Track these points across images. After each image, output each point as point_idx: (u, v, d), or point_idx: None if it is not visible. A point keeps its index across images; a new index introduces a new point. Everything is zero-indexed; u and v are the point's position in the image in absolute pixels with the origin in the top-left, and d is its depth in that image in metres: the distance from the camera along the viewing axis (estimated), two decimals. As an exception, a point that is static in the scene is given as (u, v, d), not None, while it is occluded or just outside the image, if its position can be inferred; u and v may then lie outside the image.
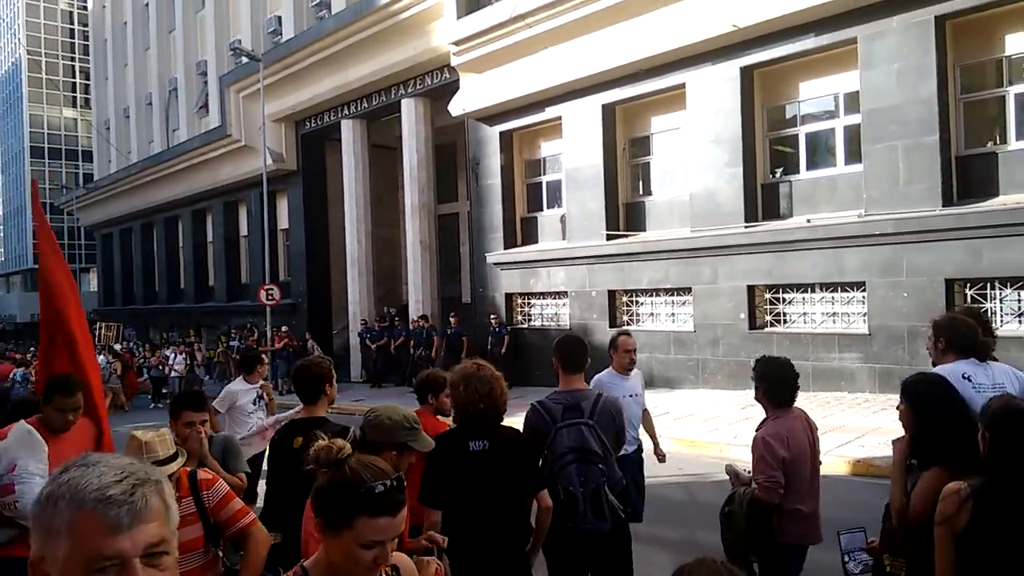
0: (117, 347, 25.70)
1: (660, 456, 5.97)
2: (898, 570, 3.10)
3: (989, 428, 2.56)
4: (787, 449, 3.81)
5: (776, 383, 4.11)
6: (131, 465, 1.22)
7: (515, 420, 3.80)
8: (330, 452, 1.81)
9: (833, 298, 12.52)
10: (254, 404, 6.69)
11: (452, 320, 17.93)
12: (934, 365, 3.88)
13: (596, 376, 5.46)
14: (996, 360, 3.90)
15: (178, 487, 2.89)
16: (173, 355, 21.71)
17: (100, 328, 32.33)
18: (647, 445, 5.88)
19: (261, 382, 6.93)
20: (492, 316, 17.36)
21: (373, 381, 19.41)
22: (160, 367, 21.77)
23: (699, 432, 9.97)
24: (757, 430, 4.05)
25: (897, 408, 3.23)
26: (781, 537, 3.78)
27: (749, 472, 4.00)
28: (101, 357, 19.25)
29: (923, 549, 2.72)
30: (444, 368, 5.38)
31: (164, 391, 21.19)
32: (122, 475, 1.18)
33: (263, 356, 7.42)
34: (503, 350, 16.64)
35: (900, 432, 3.25)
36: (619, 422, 3.79)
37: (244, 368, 7.02)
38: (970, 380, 3.63)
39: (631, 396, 5.57)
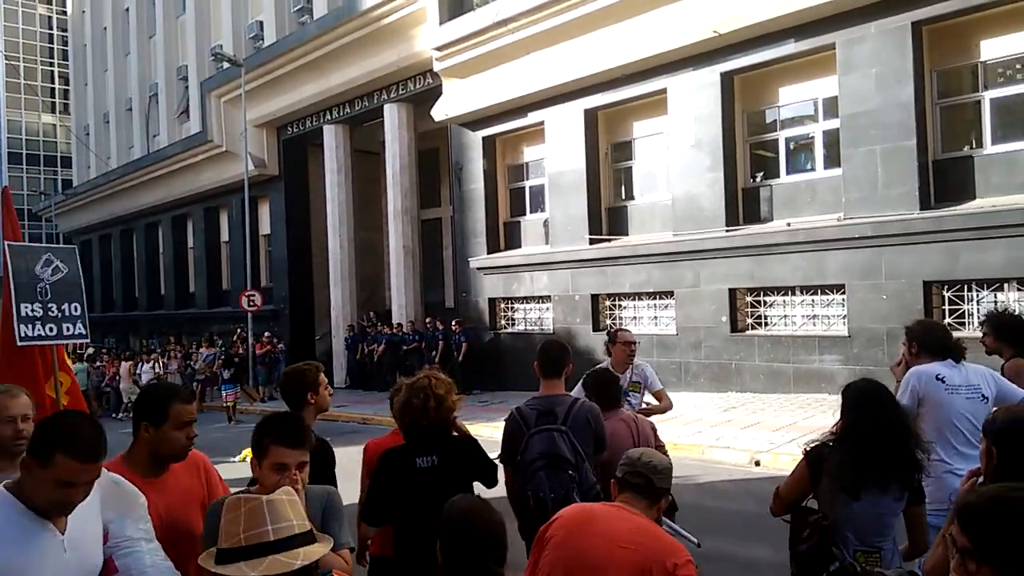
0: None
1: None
2: None
3: (996, 443, 2.39)
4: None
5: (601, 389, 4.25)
6: None
7: (498, 425, 3.78)
8: None
9: (813, 301, 12.62)
10: None
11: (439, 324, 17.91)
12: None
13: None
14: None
15: None
16: (140, 364, 21.09)
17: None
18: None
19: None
20: (455, 321, 17.44)
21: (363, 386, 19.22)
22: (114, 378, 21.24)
23: (682, 435, 10.00)
24: None
25: None
26: None
27: None
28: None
29: None
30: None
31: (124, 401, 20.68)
32: None
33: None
34: (460, 357, 16.77)
35: None
36: (596, 427, 3.70)
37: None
38: (943, 381, 3.71)
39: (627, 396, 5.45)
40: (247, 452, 3.83)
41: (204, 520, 2.59)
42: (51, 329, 4.68)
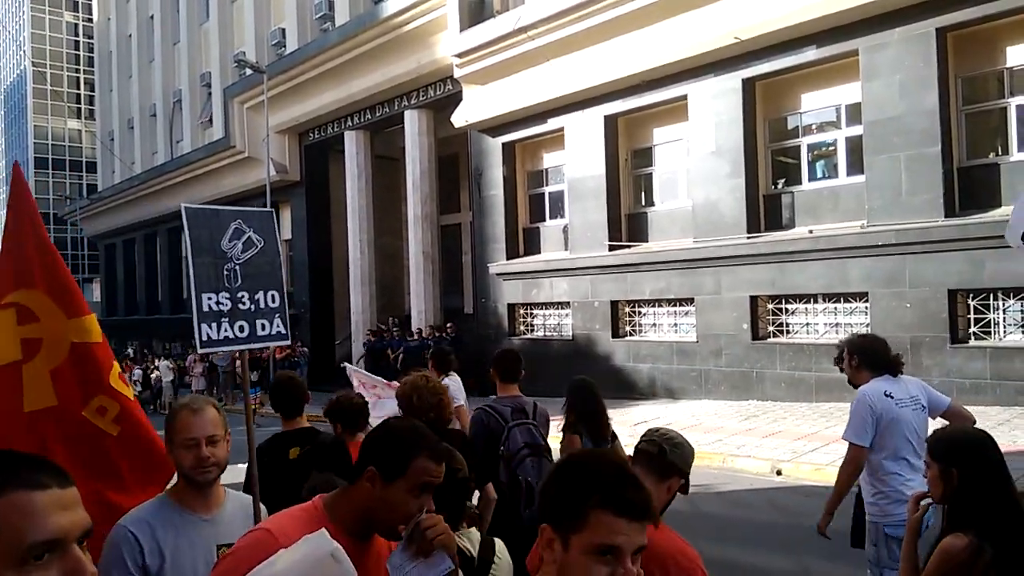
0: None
1: None
2: None
3: (956, 465, 2.36)
4: None
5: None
6: None
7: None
8: None
9: (836, 309, 12.51)
10: None
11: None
12: (850, 382, 4.07)
13: None
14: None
15: None
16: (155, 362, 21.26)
17: None
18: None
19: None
20: (448, 325, 17.91)
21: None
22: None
23: (703, 443, 9.94)
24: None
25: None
26: None
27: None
28: None
29: None
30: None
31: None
32: None
33: None
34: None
35: None
36: (547, 428, 4.30)
37: None
38: (892, 397, 3.75)
39: None
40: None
41: None
42: (242, 329, 3.41)
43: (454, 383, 6.03)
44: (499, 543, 2.55)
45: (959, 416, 3.77)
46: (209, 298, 3.30)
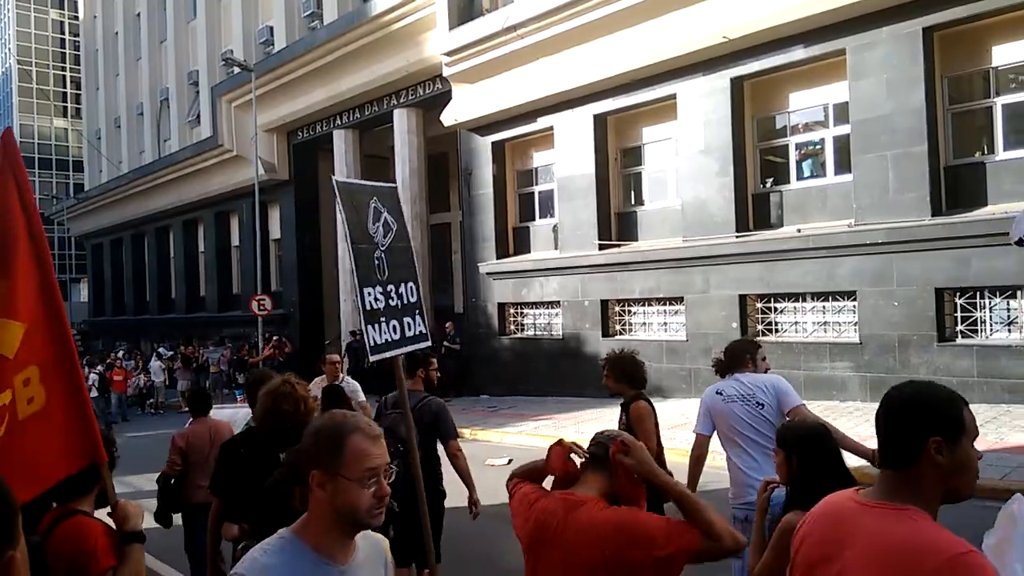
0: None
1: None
2: None
3: (793, 454, 2.80)
4: (185, 442, 5.65)
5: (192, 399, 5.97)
6: None
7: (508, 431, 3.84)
8: None
9: (824, 307, 12.57)
10: None
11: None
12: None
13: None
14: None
15: None
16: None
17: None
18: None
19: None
20: (448, 324, 17.90)
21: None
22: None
23: (691, 441, 9.96)
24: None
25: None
26: None
27: None
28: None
29: None
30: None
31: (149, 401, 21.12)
32: None
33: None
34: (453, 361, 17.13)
35: None
36: (440, 413, 5.00)
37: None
38: (721, 394, 4.39)
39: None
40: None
41: None
42: (395, 330, 2.92)
43: (350, 385, 7.09)
44: None
45: (801, 416, 4.13)
46: (369, 293, 2.84)
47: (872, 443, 6.44)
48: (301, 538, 1.83)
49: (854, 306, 12.03)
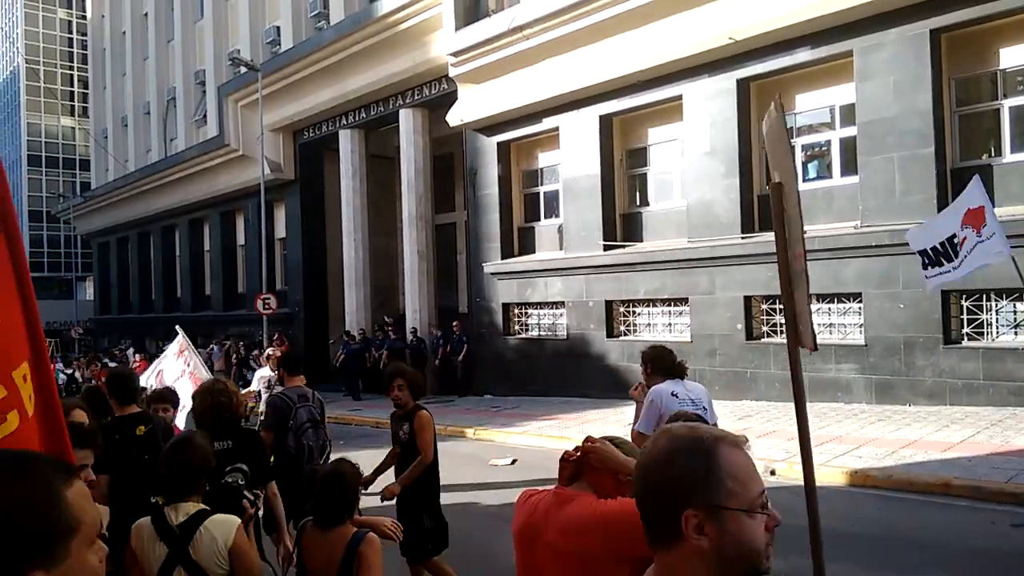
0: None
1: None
2: None
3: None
4: None
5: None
6: None
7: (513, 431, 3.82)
8: None
9: (830, 309, 12.55)
10: None
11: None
12: (648, 385, 4.87)
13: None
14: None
15: None
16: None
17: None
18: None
19: None
20: (455, 324, 18.25)
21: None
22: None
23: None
24: None
25: None
26: None
27: None
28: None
29: None
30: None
31: None
32: None
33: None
34: (460, 358, 17.72)
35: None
36: (323, 409, 5.78)
37: None
38: (676, 396, 4.59)
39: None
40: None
41: None
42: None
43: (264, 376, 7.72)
44: (217, 517, 2.90)
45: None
46: None
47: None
48: None
49: (860, 308, 12.00)
